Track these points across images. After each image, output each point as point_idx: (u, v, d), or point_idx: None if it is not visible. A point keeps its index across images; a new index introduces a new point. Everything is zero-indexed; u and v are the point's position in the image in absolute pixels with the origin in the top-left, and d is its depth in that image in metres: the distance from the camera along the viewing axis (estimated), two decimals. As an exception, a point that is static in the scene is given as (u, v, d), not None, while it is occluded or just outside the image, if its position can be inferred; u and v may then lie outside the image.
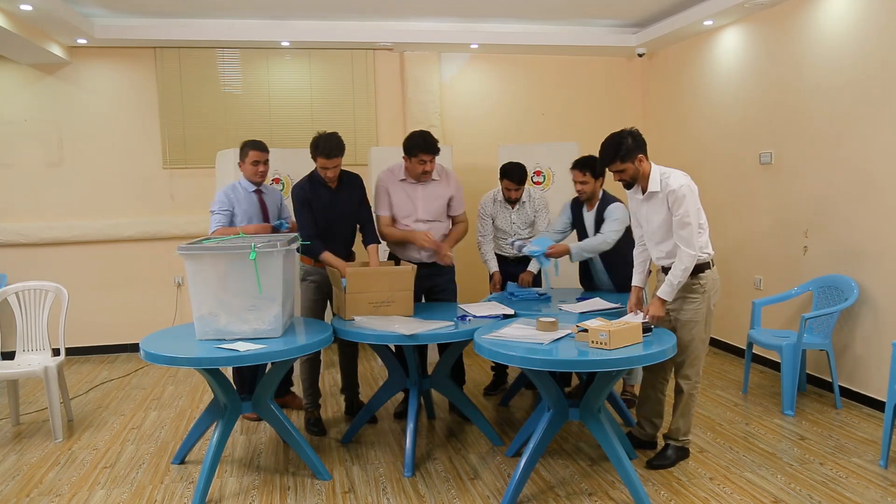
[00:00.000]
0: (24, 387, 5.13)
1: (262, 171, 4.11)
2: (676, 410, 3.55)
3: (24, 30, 4.92)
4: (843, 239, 4.46)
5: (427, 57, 6.40)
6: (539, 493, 3.28)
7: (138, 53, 6.06)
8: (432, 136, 4.05)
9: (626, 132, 3.32)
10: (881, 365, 4.15)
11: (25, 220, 5.98)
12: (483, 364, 5.52)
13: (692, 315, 3.42)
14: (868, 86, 4.23)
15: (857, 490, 3.22)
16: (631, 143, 3.29)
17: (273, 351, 3.20)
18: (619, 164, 3.31)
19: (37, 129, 5.98)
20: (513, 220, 4.64)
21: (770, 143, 5.11)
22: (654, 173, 3.34)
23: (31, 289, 4.43)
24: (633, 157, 3.31)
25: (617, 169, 3.34)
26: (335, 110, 6.35)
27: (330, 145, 3.85)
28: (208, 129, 6.16)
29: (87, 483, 3.51)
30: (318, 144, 3.87)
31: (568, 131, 6.61)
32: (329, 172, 3.91)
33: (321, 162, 3.88)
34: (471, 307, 3.90)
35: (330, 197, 3.99)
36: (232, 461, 3.75)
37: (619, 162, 3.31)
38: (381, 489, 3.36)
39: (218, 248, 3.32)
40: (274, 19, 5.81)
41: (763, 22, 5.15)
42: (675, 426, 3.56)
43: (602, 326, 2.95)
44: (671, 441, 3.57)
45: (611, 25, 6.27)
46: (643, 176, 3.37)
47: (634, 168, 3.33)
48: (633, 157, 3.31)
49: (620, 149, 3.29)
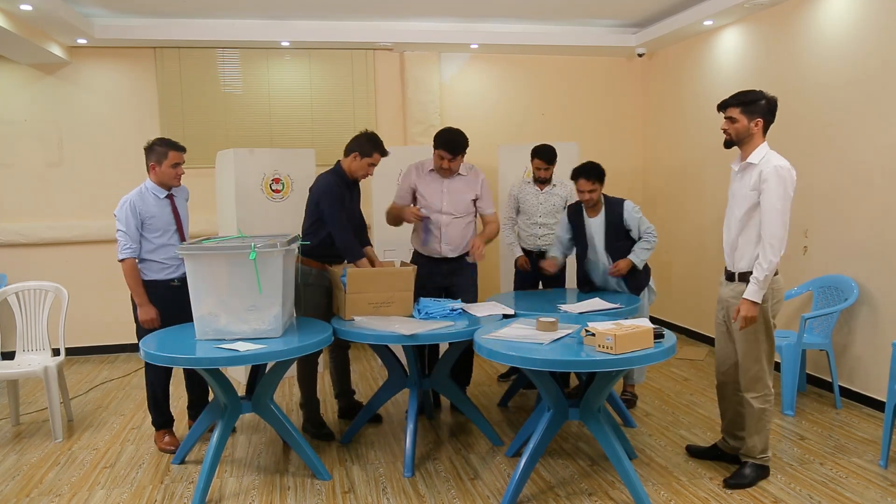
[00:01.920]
0: (24, 387, 5.13)
1: (181, 174, 3.86)
2: (748, 427, 3.30)
3: (24, 30, 4.92)
4: (843, 239, 4.46)
5: (427, 57, 6.40)
6: (539, 493, 3.28)
7: (138, 53, 6.06)
8: (462, 136, 4.05)
9: (766, 94, 3.16)
10: (881, 365, 4.15)
11: (25, 220, 5.98)
12: (483, 364, 5.52)
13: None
14: (868, 86, 4.23)
15: (857, 490, 3.22)
16: (763, 104, 3.13)
17: (273, 351, 3.20)
18: (738, 111, 3.14)
19: (37, 129, 5.98)
20: (540, 201, 4.70)
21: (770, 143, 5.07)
22: (762, 149, 3.15)
23: (31, 289, 4.43)
24: (754, 116, 3.13)
25: (731, 115, 3.17)
26: (335, 110, 6.34)
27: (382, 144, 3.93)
28: (208, 129, 6.16)
29: (87, 483, 3.51)
30: (376, 141, 3.90)
31: (568, 131, 6.61)
32: (372, 170, 3.96)
33: (377, 158, 3.92)
34: (471, 307, 3.90)
35: (352, 197, 4.02)
36: (232, 461, 3.75)
37: (739, 110, 3.14)
38: (381, 489, 3.36)
39: (218, 248, 3.32)
40: (274, 19, 5.81)
41: (763, 22, 5.15)
42: (750, 444, 3.30)
43: (610, 330, 2.91)
44: (749, 459, 3.31)
45: (611, 25, 6.27)
46: (750, 142, 3.16)
47: (746, 126, 3.14)
48: (753, 115, 3.13)
49: (751, 98, 3.14)
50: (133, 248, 3.71)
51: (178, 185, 3.92)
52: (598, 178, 4.14)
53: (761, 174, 3.08)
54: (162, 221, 3.80)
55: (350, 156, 3.93)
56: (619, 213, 4.19)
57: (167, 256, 3.81)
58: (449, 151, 4.03)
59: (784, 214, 3.06)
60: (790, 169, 3.09)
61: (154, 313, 3.75)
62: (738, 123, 3.16)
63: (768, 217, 3.06)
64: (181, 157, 3.85)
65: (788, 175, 3.07)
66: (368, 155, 3.88)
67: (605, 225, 4.21)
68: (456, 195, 4.16)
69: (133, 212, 3.71)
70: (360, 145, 3.89)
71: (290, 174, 5.21)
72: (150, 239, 3.77)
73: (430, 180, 4.19)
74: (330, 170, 3.98)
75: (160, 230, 3.79)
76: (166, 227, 3.82)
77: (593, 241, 4.26)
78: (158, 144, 3.81)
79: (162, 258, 3.81)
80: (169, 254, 3.81)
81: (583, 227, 4.29)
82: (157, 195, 3.82)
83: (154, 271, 3.79)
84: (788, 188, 3.06)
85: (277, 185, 5.24)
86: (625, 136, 6.95)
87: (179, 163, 3.84)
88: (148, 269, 3.79)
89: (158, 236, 3.78)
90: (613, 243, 4.20)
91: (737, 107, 3.15)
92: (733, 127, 3.18)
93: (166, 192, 3.86)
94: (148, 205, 3.77)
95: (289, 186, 5.22)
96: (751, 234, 3.16)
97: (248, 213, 5.00)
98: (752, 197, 3.12)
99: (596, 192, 4.16)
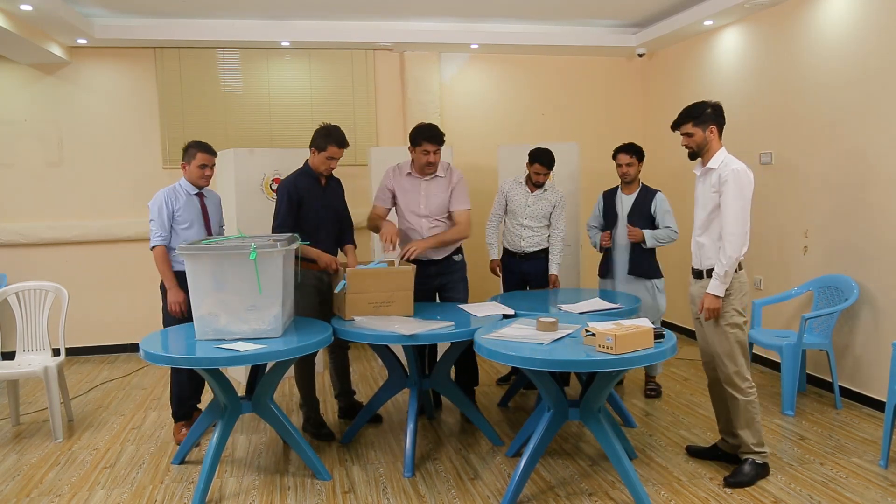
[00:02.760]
0: (24, 387, 5.13)
1: (208, 175, 4.01)
2: (736, 421, 3.36)
3: (24, 30, 4.92)
4: (843, 239, 4.46)
5: (427, 57, 6.40)
6: (539, 493, 3.28)
7: (138, 53, 6.06)
8: (438, 127, 4.09)
9: (709, 103, 3.37)
10: (881, 365, 4.15)
11: (25, 220, 5.98)
12: (483, 364, 5.52)
13: (720, 319, 3.31)
14: (868, 86, 4.23)
15: (857, 490, 3.22)
16: (710, 112, 3.33)
17: (273, 351, 3.20)
18: (691, 126, 3.34)
19: (37, 129, 5.98)
20: (528, 203, 4.67)
21: (770, 143, 5.11)
22: (721, 154, 3.33)
23: (31, 289, 4.43)
24: (706, 125, 3.31)
25: (686, 131, 3.36)
26: (335, 110, 6.34)
27: (343, 135, 3.89)
28: (208, 129, 6.16)
29: (87, 483, 3.51)
30: (330, 133, 3.86)
31: (568, 131, 6.61)
32: (334, 164, 3.92)
33: (332, 151, 3.86)
34: (471, 307, 3.90)
35: (321, 193, 3.99)
36: (232, 461, 3.75)
37: (691, 124, 3.33)
38: (381, 489, 3.36)
39: (218, 248, 3.32)
40: (274, 19, 5.81)
41: (763, 22, 5.15)
42: (742, 437, 3.34)
43: (610, 330, 2.91)
44: (747, 455, 3.35)
45: (611, 25, 6.27)
46: (709, 149, 3.35)
47: (703, 137, 3.33)
48: (705, 125, 3.31)
49: (698, 110, 3.33)
50: (164, 237, 3.91)
51: (205, 185, 4.07)
52: (636, 154, 4.60)
53: (720, 177, 3.26)
54: (189, 215, 3.99)
55: (311, 151, 3.94)
56: (650, 199, 4.57)
57: None
58: (434, 142, 4.02)
59: (742, 213, 3.22)
60: (747, 171, 3.27)
61: (182, 297, 3.88)
62: (695, 136, 3.35)
63: (727, 216, 3.23)
64: (208, 160, 4.01)
65: (745, 177, 3.24)
66: (323, 149, 3.87)
67: (634, 202, 4.61)
68: (434, 198, 4.13)
69: (166, 203, 3.92)
70: (315, 140, 3.91)
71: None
72: (178, 231, 3.95)
73: (407, 184, 4.15)
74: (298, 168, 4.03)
75: (188, 222, 3.97)
76: (193, 221, 4.00)
77: (622, 215, 4.63)
78: (191, 146, 4.02)
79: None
80: None
81: (614, 203, 4.69)
82: (189, 192, 4.02)
83: (180, 263, 3.90)
84: (745, 189, 3.23)
85: (277, 185, 5.23)
86: (625, 136, 6.84)
87: (206, 164, 4.00)
88: (175, 259, 3.93)
89: (186, 228, 3.96)
90: (637, 221, 4.56)
91: (688, 122, 3.36)
92: (692, 140, 3.37)
93: (196, 191, 4.04)
94: (179, 199, 3.98)
95: (289, 186, 5.20)
96: (714, 233, 3.32)
97: (248, 213, 4.99)
98: (713, 198, 3.30)
99: (633, 167, 4.59)
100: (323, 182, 4.00)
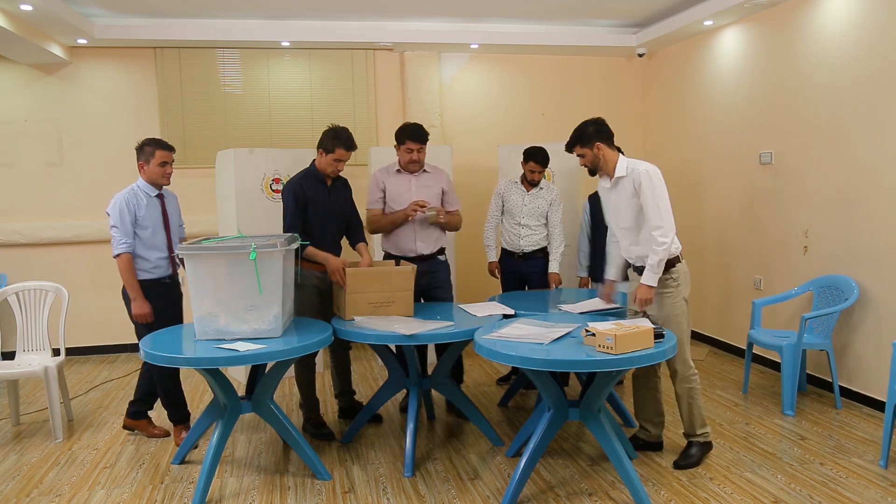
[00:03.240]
0: (24, 387, 5.13)
1: (169, 173, 3.89)
2: (681, 410, 3.58)
3: (24, 30, 4.92)
4: (843, 239, 4.46)
5: (427, 57, 6.40)
6: (539, 493, 3.28)
7: (138, 53, 6.06)
8: (422, 126, 4.17)
9: (591, 121, 3.56)
10: (881, 365, 4.15)
11: (25, 220, 5.98)
12: (483, 364, 5.52)
13: (670, 310, 3.48)
14: (868, 86, 4.23)
15: (857, 490, 3.22)
16: (591, 130, 3.52)
17: (273, 351, 3.20)
18: (579, 148, 3.56)
19: (37, 129, 5.98)
20: (525, 202, 4.71)
21: (770, 143, 5.11)
22: (622, 162, 3.50)
23: (31, 289, 4.43)
24: (591, 144, 3.51)
25: (578, 153, 3.58)
26: (335, 110, 6.34)
27: (351, 138, 3.88)
28: (208, 129, 6.16)
29: (87, 483, 3.51)
30: (338, 135, 3.85)
31: (568, 131, 6.45)
32: (341, 166, 3.92)
33: (340, 153, 3.86)
34: (471, 307, 3.90)
35: (326, 194, 3.99)
36: (232, 461, 3.75)
37: (579, 146, 3.55)
38: (381, 489, 3.36)
39: (218, 248, 3.32)
40: (274, 19, 5.81)
41: (763, 22, 5.15)
42: (687, 424, 3.58)
43: (610, 330, 2.92)
44: (691, 439, 3.58)
45: (611, 25, 6.27)
46: (606, 163, 3.52)
47: (593, 154, 3.52)
48: (590, 144, 3.51)
49: (579, 134, 3.54)
50: (128, 243, 3.77)
51: (166, 184, 3.95)
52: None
53: (633, 182, 3.43)
54: (151, 220, 3.85)
55: (319, 153, 3.94)
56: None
57: (157, 255, 3.87)
58: (417, 140, 4.11)
59: (663, 206, 3.38)
60: (654, 168, 3.44)
61: (148, 308, 3.81)
62: (586, 156, 3.56)
63: (650, 213, 3.38)
64: (169, 157, 3.89)
65: (655, 174, 3.42)
66: (331, 151, 3.86)
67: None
68: (424, 190, 4.22)
69: (127, 207, 3.77)
70: (323, 141, 3.90)
71: (290, 174, 5.18)
72: (141, 237, 3.82)
73: (398, 179, 4.25)
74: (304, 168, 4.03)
75: (150, 228, 3.84)
76: (155, 225, 3.87)
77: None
78: (147, 144, 3.88)
79: (151, 257, 3.86)
80: (158, 252, 3.88)
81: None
82: (149, 193, 3.88)
83: (145, 270, 3.85)
84: (658, 184, 3.40)
85: (277, 185, 5.23)
86: (625, 136, 6.88)
87: (167, 162, 3.87)
88: (139, 267, 3.83)
89: (149, 234, 3.84)
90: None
91: (575, 145, 3.57)
92: (585, 160, 3.58)
93: (157, 192, 3.91)
94: (140, 202, 3.83)
95: (289, 186, 5.20)
96: (645, 234, 3.45)
97: (248, 213, 4.99)
98: (635, 204, 3.46)
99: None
100: (329, 183, 4.00)
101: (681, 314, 3.48)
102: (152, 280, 3.86)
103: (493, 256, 4.84)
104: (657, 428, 3.71)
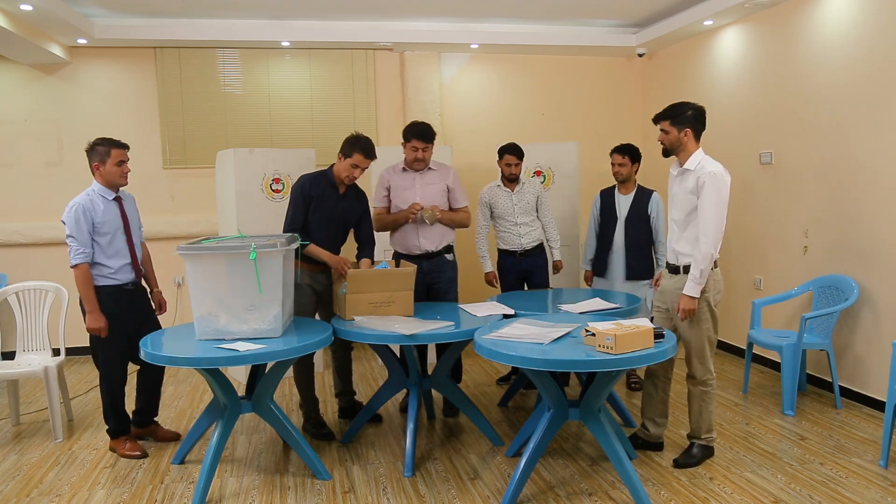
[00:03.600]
0: (24, 387, 5.13)
1: (126, 172, 3.74)
2: (691, 411, 3.58)
3: (24, 30, 4.92)
4: (843, 239, 4.46)
5: (427, 57, 6.40)
6: (539, 493, 3.28)
7: (138, 53, 6.06)
8: (429, 126, 4.18)
9: (692, 105, 3.42)
10: (881, 365, 4.15)
11: (25, 220, 5.97)
12: (483, 364, 5.52)
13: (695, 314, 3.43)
14: (868, 86, 4.23)
15: (857, 490, 3.22)
16: (690, 114, 3.39)
17: (273, 351, 3.20)
18: (668, 123, 3.41)
19: (37, 129, 5.98)
20: (514, 201, 4.74)
21: (770, 143, 5.11)
22: (697, 155, 3.39)
23: (31, 289, 4.43)
24: (682, 127, 3.38)
25: (663, 128, 3.43)
26: (335, 110, 6.35)
27: (371, 147, 3.86)
28: (208, 129, 6.16)
29: (87, 483, 3.51)
30: (358, 141, 3.84)
31: (568, 131, 6.61)
32: (357, 172, 3.89)
33: (357, 159, 3.83)
34: (471, 307, 3.90)
35: (335, 200, 3.97)
36: (232, 461, 3.75)
37: (669, 122, 3.40)
38: (381, 489, 3.36)
39: (218, 248, 3.32)
40: (274, 19, 5.81)
41: (763, 22, 5.15)
42: (694, 426, 3.58)
43: (610, 330, 2.92)
44: (695, 440, 3.59)
45: (611, 25, 6.27)
46: (684, 150, 3.41)
47: (677, 137, 3.40)
48: (682, 126, 3.38)
49: (678, 110, 3.40)
50: (86, 253, 3.62)
51: (124, 184, 3.79)
52: (629, 154, 4.68)
53: (698, 179, 3.31)
54: (111, 225, 3.70)
55: (338, 157, 3.93)
56: (646, 200, 4.70)
57: (118, 262, 3.73)
58: (422, 139, 4.13)
59: (718, 215, 3.29)
60: (724, 174, 3.33)
61: (103, 322, 3.64)
62: (669, 134, 3.42)
63: (704, 218, 3.30)
64: (125, 155, 3.74)
65: (722, 180, 3.31)
66: (349, 156, 3.84)
67: (631, 203, 4.72)
68: (429, 187, 4.24)
69: (84, 215, 3.62)
70: (343, 146, 3.89)
71: (290, 174, 5.21)
72: (100, 243, 3.67)
73: (402, 177, 4.27)
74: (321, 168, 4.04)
75: (109, 234, 3.69)
76: (115, 230, 3.72)
77: (621, 216, 4.72)
78: (100, 144, 3.72)
79: (113, 262, 3.72)
80: (120, 258, 3.74)
81: (612, 203, 4.78)
82: (106, 197, 3.73)
83: (106, 276, 3.70)
84: (722, 192, 3.30)
85: (277, 185, 5.24)
86: (625, 137, 6.85)
87: (124, 160, 3.73)
88: (99, 273, 3.69)
89: (109, 241, 3.69)
90: (635, 222, 4.68)
91: (666, 119, 3.42)
92: (666, 138, 3.45)
93: (114, 194, 3.76)
94: (97, 208, 3.67)
95: (289, 186, 5.21)
96: (691, 233, 3.38)
97: (248, 213, 4.99)
98: (691, 200, 3.36)
99: (625, 167, 4.68)
100: (342, 191, 3.98)
101: (703, 320, 3.43)
102: (114, 286, 3.71)
103: (489, 266, 4.83)
104: (658, 428, 3.71)
